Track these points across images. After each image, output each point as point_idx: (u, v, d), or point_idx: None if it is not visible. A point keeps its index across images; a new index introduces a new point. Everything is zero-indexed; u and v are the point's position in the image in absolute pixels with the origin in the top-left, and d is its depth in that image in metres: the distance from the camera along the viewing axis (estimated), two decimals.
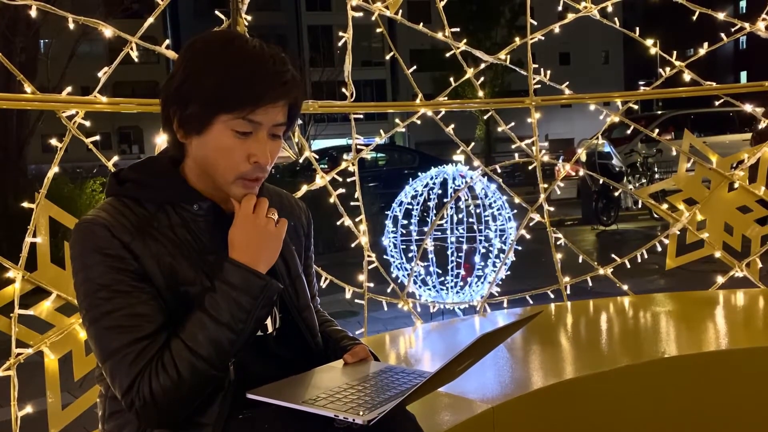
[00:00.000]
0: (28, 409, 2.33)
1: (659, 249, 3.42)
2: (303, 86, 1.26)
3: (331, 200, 3.06)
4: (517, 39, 3.43)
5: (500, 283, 3.60)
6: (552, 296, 3.37)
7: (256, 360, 1.28)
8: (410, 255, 4.46)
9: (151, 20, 2.69)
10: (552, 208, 3.39)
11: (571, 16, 3.38)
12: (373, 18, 3.14)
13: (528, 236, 3.41)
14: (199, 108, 1.17)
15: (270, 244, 1.23)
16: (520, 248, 3.65)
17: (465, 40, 3.37)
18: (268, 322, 1.33)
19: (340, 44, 3.14)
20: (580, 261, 3.42)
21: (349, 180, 3.16)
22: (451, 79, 3.36)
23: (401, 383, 1.25)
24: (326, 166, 11.44)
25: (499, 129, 3.38)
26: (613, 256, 3.41)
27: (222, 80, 1.16)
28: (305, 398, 1.15)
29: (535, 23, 3.36)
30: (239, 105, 1.16)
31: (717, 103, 3.54)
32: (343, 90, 3.11)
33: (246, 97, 1.16)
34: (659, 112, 16.02)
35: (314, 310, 1.45)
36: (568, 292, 3.29)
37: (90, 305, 1.15)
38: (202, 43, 1.22)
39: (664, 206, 3.44)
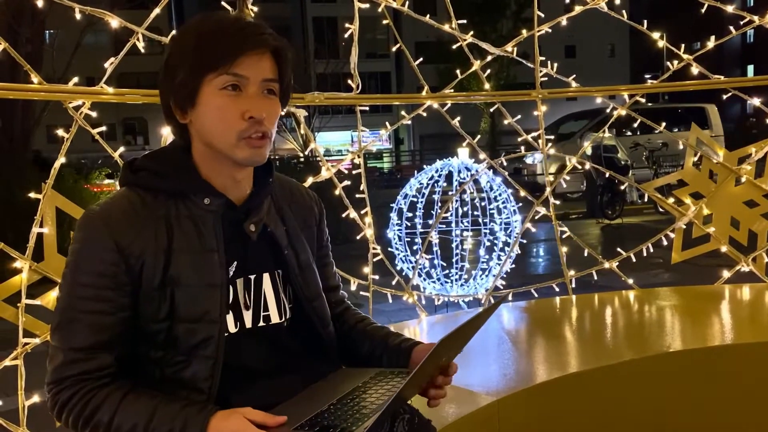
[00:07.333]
0: (35, 398, 2.34)
1: (665, 243, 3.41)
2: (288, 43, 1.26)
3: (336, 192, 3.06)
4: (523, 31, 3.43)
5: (505, 276, 3.60)
6: (557, 290, 3.37)
7: (268, 350, 1.29)
8: (415, 248, 4.46)
9: (157, 11, 2.69)
10: (557, 202, 3.38)
11: (578, 9, 3.36)
12: (379, 9, 3.13)
13: (533, 229, 3.40)
14: (184, 73, 1.19)
15: None
16: (524, 241, 3.65)
17: (471, 33, 3.36)
18: (274, 312, 1.32)
19: (346, 36, 3.13)
20: (585, 255, 3.42)
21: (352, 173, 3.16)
22: (457, 72, 3.35)
23: (384, 392, 1.25)
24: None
25: (506, 122, 3.37)
26: (618, 249, 3.40)
27: (200, 40, 1.19)
28: (294, 425, 1.15)
29: (542, 15, 3.34)
30: (219, 59, 1.17)
31: (724, 96, 3.52)
32: (349, 82, 3.10)
33: (225, 50, 1.18)
34: (663, 106, 15.89)
35: (345, 307, 1.50)
36: (573, 285, 3.29)
37: (65, 292, 1.19)
38: (187, 22, 1.27)
39: (670, 200, 3.42)
